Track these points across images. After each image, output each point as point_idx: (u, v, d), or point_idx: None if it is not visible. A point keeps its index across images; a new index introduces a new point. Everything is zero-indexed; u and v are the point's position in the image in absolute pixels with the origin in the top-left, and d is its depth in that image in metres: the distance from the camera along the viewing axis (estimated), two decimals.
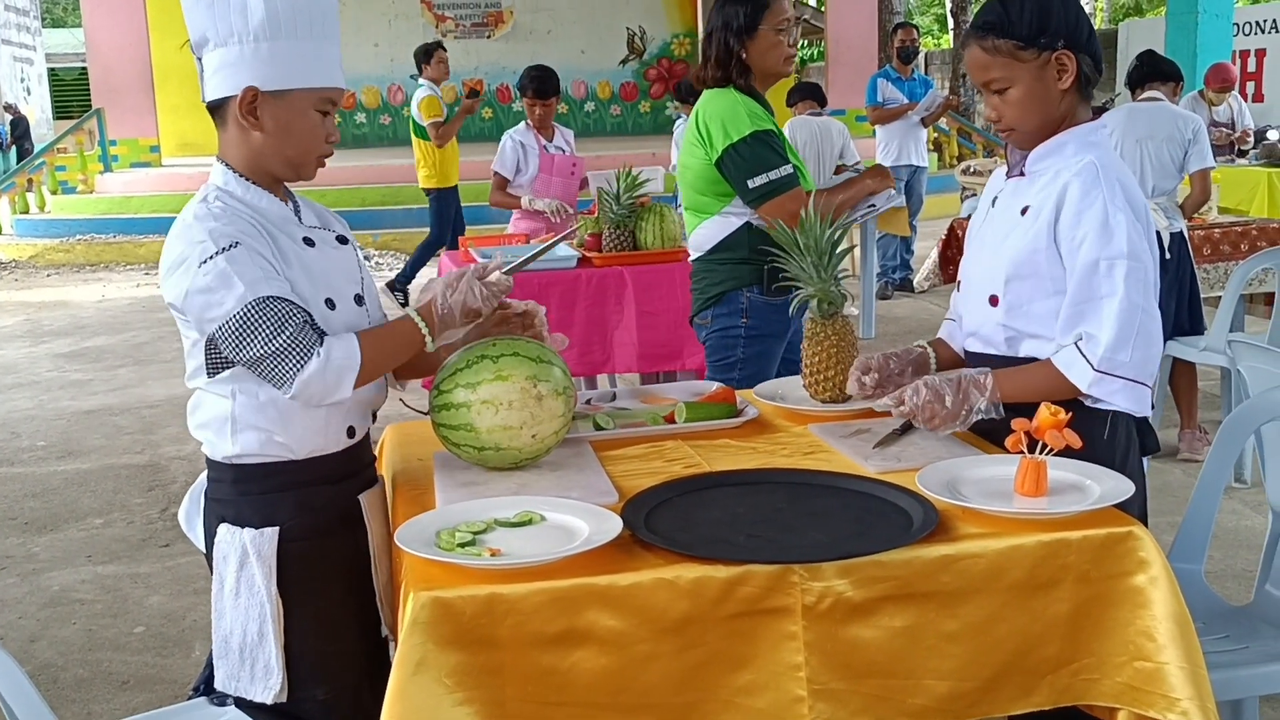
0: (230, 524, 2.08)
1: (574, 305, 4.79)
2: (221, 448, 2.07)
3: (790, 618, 1.75)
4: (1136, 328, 2.09)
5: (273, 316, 1.93)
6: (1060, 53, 2.17)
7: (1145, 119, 5.28)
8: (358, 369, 1.98)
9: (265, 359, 1.94)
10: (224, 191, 2.06)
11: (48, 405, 6.98)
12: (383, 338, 2.08)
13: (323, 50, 2.04)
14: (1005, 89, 2.20)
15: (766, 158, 3.24)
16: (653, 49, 19.73)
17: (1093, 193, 2.13)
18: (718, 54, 3.34)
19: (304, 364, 1.93)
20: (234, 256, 1.94)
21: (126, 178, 15.38)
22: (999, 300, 2.24)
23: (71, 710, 3.39)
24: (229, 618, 2.09)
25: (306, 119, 2.05)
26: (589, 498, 1.99)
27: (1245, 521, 4.47)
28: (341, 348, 1.97)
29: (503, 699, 1.69)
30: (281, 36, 2.00)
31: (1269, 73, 15.24)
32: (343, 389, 1.98)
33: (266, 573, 2.05)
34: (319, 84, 2.05)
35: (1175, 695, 1.80)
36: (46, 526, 4.92)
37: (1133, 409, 2.14)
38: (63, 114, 24.23)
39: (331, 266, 2.12)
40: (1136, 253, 2.10)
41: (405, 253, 12.88)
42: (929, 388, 2.15)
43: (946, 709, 1.83)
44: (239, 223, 1.99)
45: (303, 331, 1.94)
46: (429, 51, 8.69)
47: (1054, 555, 1.83)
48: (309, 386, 1.95)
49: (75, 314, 10.18)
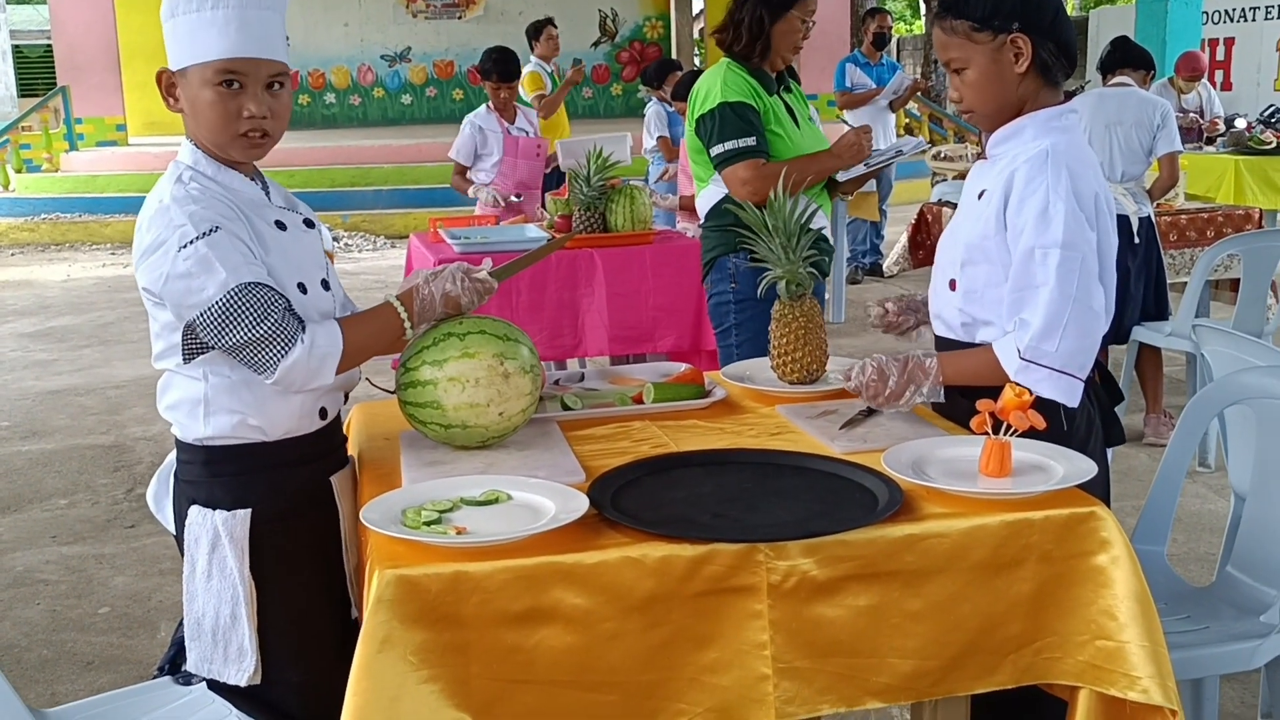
0: (201, 506, 2.06)
1: (544, 287, 4.77)
2: (193, 429, 2.05)
3: (755, 596, 1.76)
4: (1066, 318, 2.09)
5: (256, 303, 1.91)
6: (1015, 35, 2.17)
7: (1114, 104, 5.32)
8: (340, 355, 1.98)
9: (248, 345, 1.92)
10: (196, 171, 2.03)
11: (11, 385, 6.91)
12: (365, 324, 2.08)
13: (220, 19, 1.97)
14: (962, 69, 2.23)
15: (729, 127, 3.37)
16: (625, 32, 19.68)
17: (1036, 179, 2.13)
18: (750, 24, 3.45)
19: (287, 350, 1.93)
20: (215, 241, 1.92)
21: (92, 156, 15.22)
22: (956, 284, 2.25)
23: (35, 690, 3.37)
24: (201, 600, 2.06)
25: (202, 96, 1.99)
26: (556, 477, 1.99)
27: (1208, 505, 4.51)
28: (325, 334, 1.97)
29: (467, 677, 1.69)
30: (179, 13, 1.98)
31: (1237, 61, 15.35)
32: (324, 375, 1.98)
33: (239, 555, 2.03)
34: (206, 57, 1.97)
35: (1136, 674, 1.82)
36: (10, 507, 4.88)
37: (1060, 399, 2.13)
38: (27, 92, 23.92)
39: (302, 250, 2.10)
40: (1073, 242, 2.09)
41: (374, 234, 12.83)
42: (875, 366, 2.20)
43: (910, 687, 1.84)
44: (218, 205, 1.97)
45: (285, 318, 1.93)
46: (539, 28, 8.62)
47: (1017, 535, 1.84)
48: (292, 373, 1.95)
49: (40, 294, 10.07)
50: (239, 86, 1.99)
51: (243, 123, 2.00)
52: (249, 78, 2.00)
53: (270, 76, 2.03)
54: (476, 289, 2.15)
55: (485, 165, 6.18)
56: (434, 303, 2.11)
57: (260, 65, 2.01)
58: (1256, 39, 15.12)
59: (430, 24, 18.96)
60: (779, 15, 3.44)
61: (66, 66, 15.64)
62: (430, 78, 19.16)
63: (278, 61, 2.04)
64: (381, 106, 19.12)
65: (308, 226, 2.15)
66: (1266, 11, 15.00)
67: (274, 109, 2.04)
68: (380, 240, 12.63)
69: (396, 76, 19.04)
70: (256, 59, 2.00)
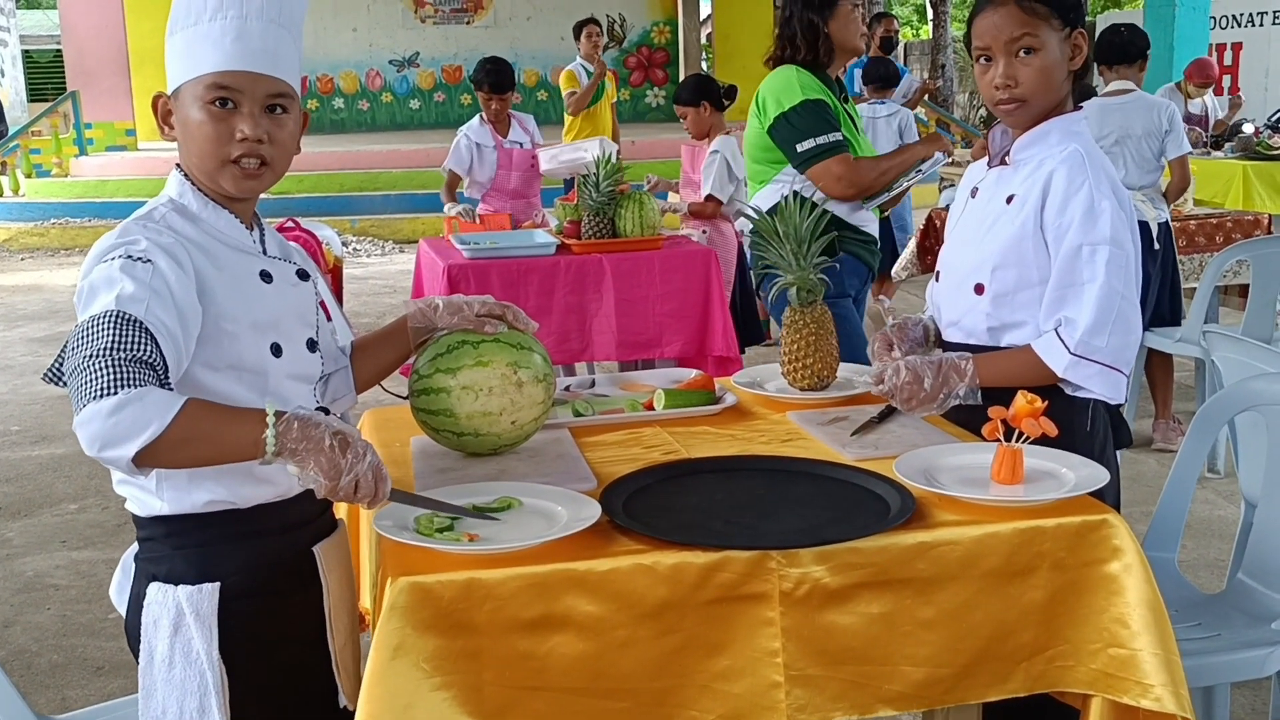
0: (161, 582, 1.80)
1: (552, 293, 4.78)
2: (149, 504, 1.79)
3: (768, 603, 1.76)
4: (1115, 313, 2.11)
5: (116, 335, 1.59)
6: (1079, 32, 2.21)
7: (1119, 116, 5.22)
8: (153, 436, 1.54)
9: (76, 372, 1.57)
10: (179, 205, 1.81)
11: (21, 390, 6.93)
12: (213, 418, 1.63)
13: (216, 31, 1.75)
14: (1034, 50, 2.18)
15: (815, 124, 3.42)
16: (633, 37, 19.68)
17: (1078, 179, 2.15)
18: (803, 33, 3.51)
19: (100, 396, 1.53)
20: (136, 269, 1.66)
21: (102, 161, 15.26)
22: (985, 289, 2.25)
23: (46, 696, 3.38)
24: (161, 694, 1.79)
25: (192, 116, 1.76)
26: (567, 483, 1.99)
27: (1218, 511, 4.51)
28: (154, 404, 1.55)
29: (480, 684, 1.69)
30: (177, 29, 1.78)
31: (1245, 66, 15.33)
32: (123, 448, 1.54)
33: (206, 634, 1.77)
34: (199, 71, 1.74)
35: (1149, 681, 1.81)
36: (20, 512, 4.89)
37: (1108, 395, 2.15)
38: (37, 96, 24.00)
39: (285, 307, 1.86)
40: (1119, 240, 2.12)
41: (382, 239, 12.85)
42: (909, 368, 2.16)
43: (922, 695, 1.84)
44: (176, 250, 1.71)
45: (131, 366, 1.56)
46: (579, 29, 8.69)
47: (1029, 542, 1.84)
48: (89, 424, 1.54)
49: (49, 298, 10.10)
50: (233, 106, 1.76)
51: (234, 146, 1.76)
52: (244, 95, 1.76)
53: (270, 97, 1.78)
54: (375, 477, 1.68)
55: (479, 179, 6.14)
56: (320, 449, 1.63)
57: (258, 82, 1.76)
58: (1264, 44, 15.11)
59: (438, 29, 18.98)
60: (829, 12, 3.49)
61: (76, 71, 15.68)
62: (438, 83, 19.18)
63: (280, 80, 1.79)
64: (390, 111, 19.15)
65: (301, 279, 1.92)
66: (1274, 16, 14.98)
67: (273, 134, 1.78)
68: (389, 245, 12.65)
69: (405, 81, 19.07)
70: (254, 74, 1.76)
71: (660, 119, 18.56)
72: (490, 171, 6.09)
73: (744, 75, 15.92)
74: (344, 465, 1.64)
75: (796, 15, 3.51)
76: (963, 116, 21.77)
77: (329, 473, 1.64)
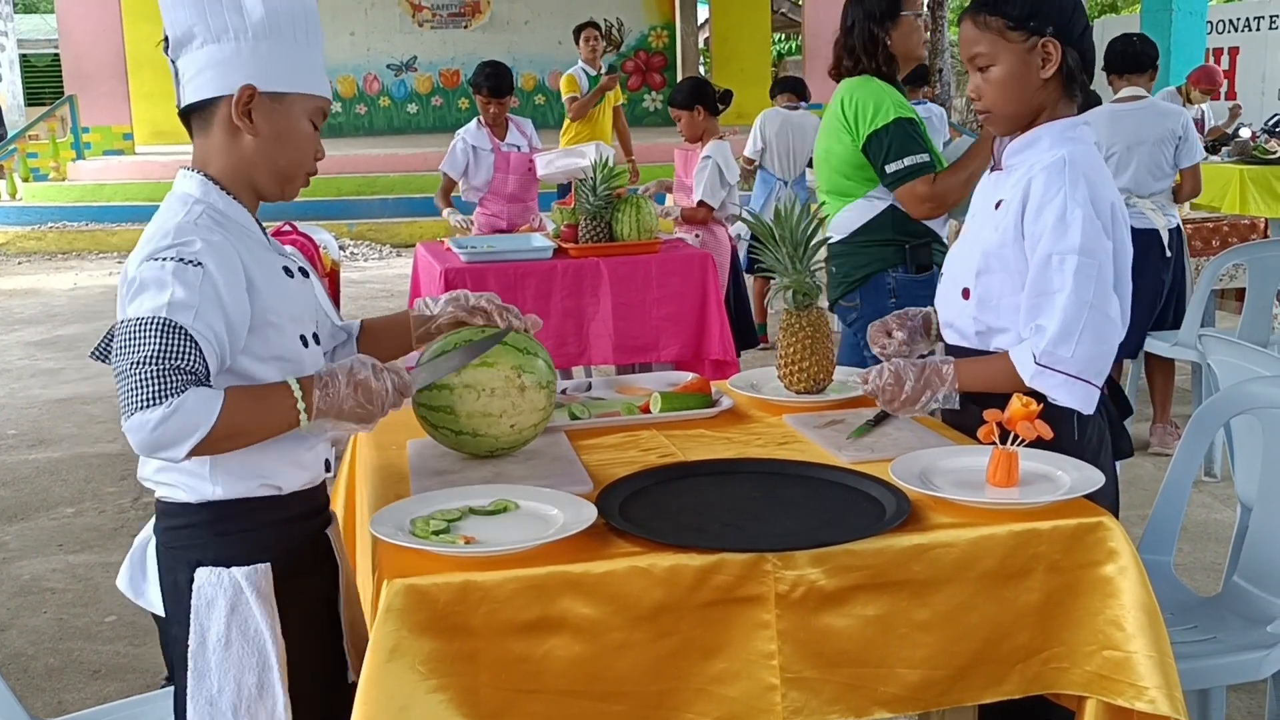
0: (211, 565, 1.86)
1: (550, 296, 4.78)
2: (200, 489, 1.85)
3: (763, 606, 1.76)
4: (1082, 324, 2.08)
5: (163, 342, 1.68)
6: (1047, 40, 2.17)
7: (1131, 121, 5.19)
8: (205, 435, 1.69)
9: (125, 376, 1.69)
10: (209, 206, 1.84)
11: (19, 393, 6.93)
12: (251, 404, 1.77)
13: (314, 57, 1.91)
14: (987, 66, 2.21)
15: (906, 144, 3.38)
16: (630, 41, 19.71)
17: (1054, 187, 2.13)
18: (863, 44, 3.49)
19: (150, 405, 1.66)
20: (187, 273, 1.72)
21: (99, 165, 15.25)
22: (970, 293, 2.25)
23: (42, 699, 3.37)
24: (216, 675, 1.84)
25: (301, 127, 1.90)
26: (564, 486, 1.99)
27: (1214, 515, 4.51)
28: (199, 405, 1.68)
29: (476, 686, 1.69)
30: (281, 37, 1.85)
31: (1242, 71, 15.37)
32: (177, 450, 1.69)
33: (269, 611, 1.84)
34: (316, 90, 1.91)
35: (1143, 684, 1.82)
36: (17, 515, 4.89)
37: (1076, 406, 2.12)
38: (35, 100, 24.00)
39: (305, 301, 1.96)
40: (1090, 249, 2.09)
41: (379, 243, 12.86)
42: (892, 370, 2.18)
43: (918, 697, 1.84)
44: (225, 249, 1.78)
45: (175, 375, 1.68)
46: (577, 32, 8.70)
47: (1025, 545, 1.84)
48: (138, 433, 1.68)
49: (47, 302, 10.10)
50: (315, 127, 1.94)
51: (314, 163, 1.96)
52: (324, 119, 1.98)
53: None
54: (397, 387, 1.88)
55: (476, 182, 6.13)
56: (339, 393, 1.82)
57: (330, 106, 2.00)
58: (1261, 48, 15.14)
59: (436, 33, 19.01)
60: (892, 21, 3.47)
61: (74, 75, 15.68)
62: (436, 87, 19.20)
63: None
64: (387, 115, 19.17)
65: (304, 276, 2.01)
66: (1271, 21, 15.02)
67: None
68: (386, 249, 12.66)
69: (402, 86, 19.09)
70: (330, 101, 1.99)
71: (657, 123, 18.58)
72: (487, 174, 6.08)
73: (741, 80, 15.98)
74: (372, 411, 1.85)
75: (858, 26, 3.49)
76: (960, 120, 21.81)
77: (363, 420, 1.85)
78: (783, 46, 29.68)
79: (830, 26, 3.82)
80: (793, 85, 8.13)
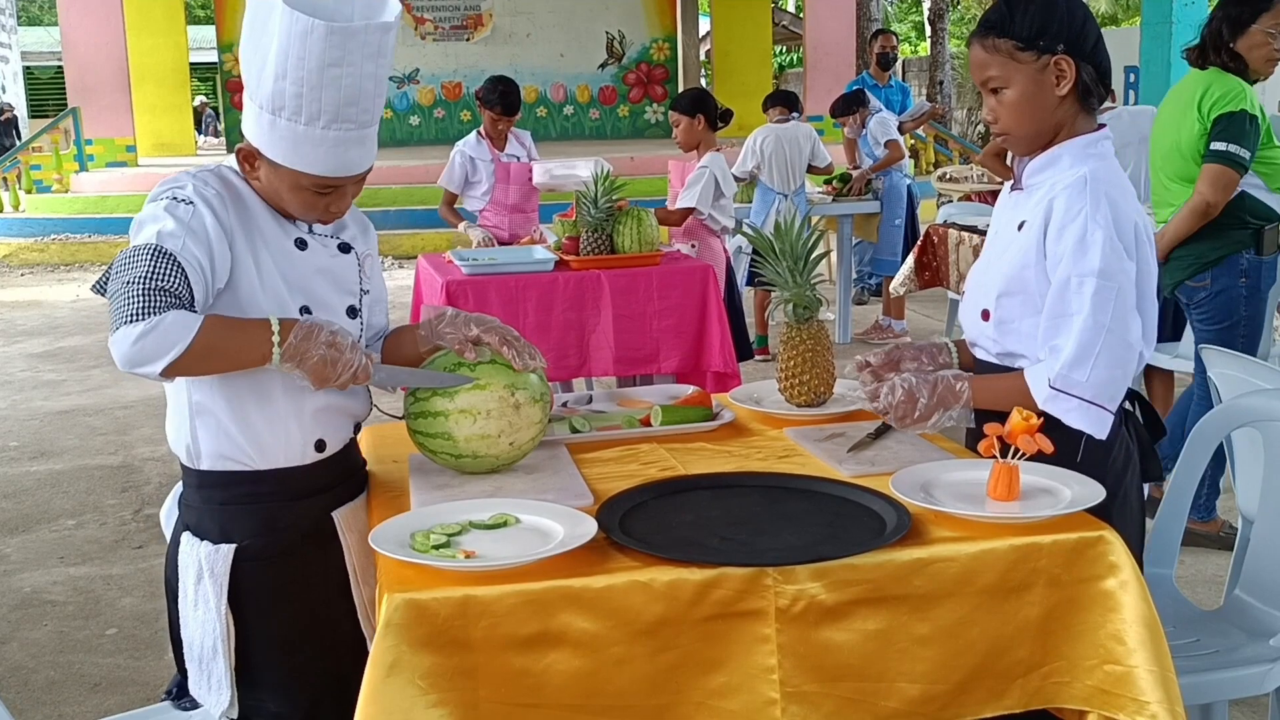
0: (191, 534, 2.07)
1: (551, 308, 4.79)
2: (182, 446, 2.05)
3: (764, 620, 1.76)
4: (1098, 348, 2.05)
5: (151, 266, 1.81)
6: (1060, 57, 2.12)
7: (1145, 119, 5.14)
8: (183, 349, 1.79)
9: (115, 295, 1.82)
10: (230, 173, 2.02)
11: (20, 405, 6.93)
12: (229, 330, 1.89)
13: (330, 139, 1.93)
14: (1000, 89, 2.17)
15: (1245, 136, 3.65)
16: (632, 53, 19.74)
17: (1075, 207, 2.09)
18: (1211, 39, 3.76)
19: (133, 320, 1.77)
20: (180, 210, 1.89)
21: (102, 177, 15.28)
22: (990, 315, 2.23)
23: (42, 712, 3.37)
24: (190, 627, 2.08)
25: (298, 194, 1.99)
26: (564, 500, 1.99)
27: None
28: (179, 321, 1.79)
29: (476, 701, 1.69)
30: (283, 117, 1.91)
31: None
32: (155, 362, 1.79)
33: (218, 591, 2.03)
34: (309, 170, 1.95)
35: (1144, 699, 1.81)
36: (18, 527, 4.89)
37: (1089, 431, 2.08)
38: (38, 113, 24.08)
39: (318, 273, 2.06)
40: (1109, 271, 2.05)
41: (381, 254, 12.83)
42: (904, 388, 2.14)
43: (918, 712, 1.84)
44: (215, 203, 1.93)
45: (159, 295, 1.79)
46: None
47: (1025, 559, 1.84)
48: (120, 344, 1.78)
49: (49, 314, 10.11)
50: (330, 190, 2.00)
51: (325, 215, 2.04)
52: (345, 186, 2.01)
53: (359, 179, 2.03)
54: (361, 368, 1.95)
55: (475, 193, 6.12)
56: (312, 345, 1.90)
57: (359, 176, 2.02)
58: None
59: (438, 46, 19.04)
60: (1242, 30, 3.68)
61: (77, 88, 15.72)
62: (438, 99, 19.22)
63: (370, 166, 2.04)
64: (389, 128, 19.17)
65: (342, 251, 2.11)
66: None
67: (355, 193, 2.06)
68: (388, 261, 12.65)
69: (405, 98, 19.11)
70: (358, 175, 2.01)
71: (659, 135, 18.59)
72: (487, 184, 6.10)
73: (742, 92, 15.99)
74: (328, 376, 1.92)
75: (1215, 23, 3.73)
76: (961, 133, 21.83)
77: (319, 379, 1.93)
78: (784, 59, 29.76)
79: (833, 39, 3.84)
80: (784, 99, 8.14)
